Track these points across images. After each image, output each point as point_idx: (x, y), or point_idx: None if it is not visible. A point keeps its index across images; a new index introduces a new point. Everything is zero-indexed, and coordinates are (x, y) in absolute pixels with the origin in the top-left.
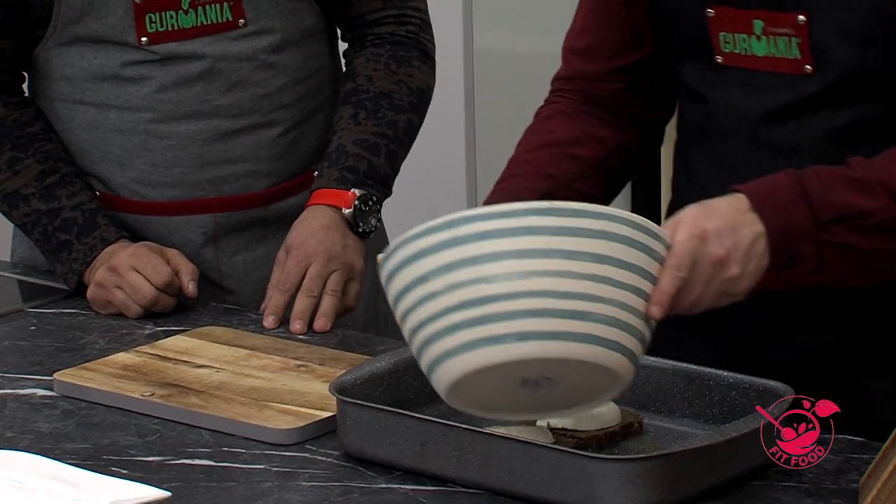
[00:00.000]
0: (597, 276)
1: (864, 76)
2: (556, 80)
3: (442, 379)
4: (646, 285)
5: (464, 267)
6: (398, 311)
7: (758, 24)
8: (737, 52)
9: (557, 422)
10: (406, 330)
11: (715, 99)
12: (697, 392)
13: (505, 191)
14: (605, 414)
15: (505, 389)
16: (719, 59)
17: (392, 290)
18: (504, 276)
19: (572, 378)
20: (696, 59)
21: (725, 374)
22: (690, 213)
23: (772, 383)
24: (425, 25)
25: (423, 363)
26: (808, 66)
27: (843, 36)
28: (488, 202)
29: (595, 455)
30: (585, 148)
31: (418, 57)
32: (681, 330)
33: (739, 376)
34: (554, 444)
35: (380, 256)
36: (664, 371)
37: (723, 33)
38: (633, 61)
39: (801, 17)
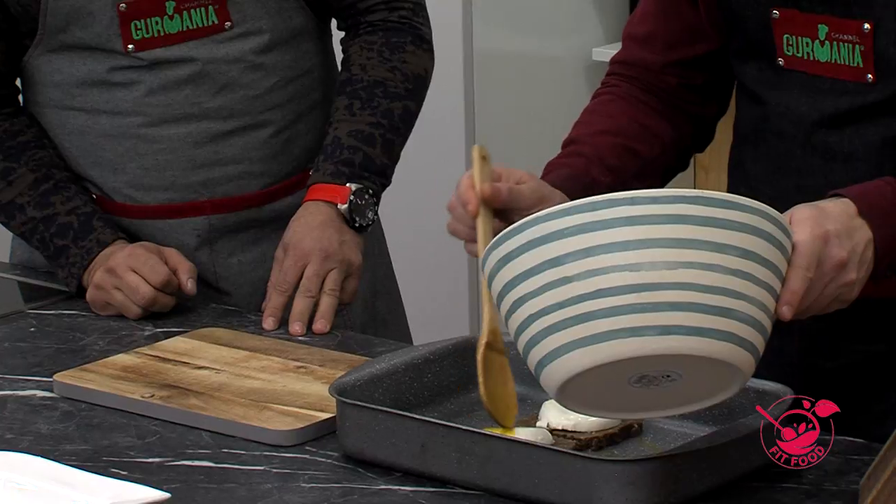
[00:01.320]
0: (742, 273)
1: None
2: (615, 62)
3: (561, 370)
4: (777, 285)
5: (605, 252)
6: (511, 297)
7: (822, 29)
8: (799, 55)
9: (557, 423)
10: (519, 317)
11: (773, 101)
12: None
13: (566, 167)
14: None
15: (618, 386)
16: (781, 61)
17: (509, 273)
18: (650, 264)
19: (692, 376)
20: (758, 60)
21: None
22: (807, 213)
23: (770, 384)
24: (418, 9)
25: (538, 353)
26: (869, 75)
27: None
28: (549, 173)
29: (595, 456)
30: (644, 144)
31: (412, 42)
32: None
33: None
34: (554, 445)
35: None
36: None
37: (787, 35)
38: (689, 56)
39: (867, 26)
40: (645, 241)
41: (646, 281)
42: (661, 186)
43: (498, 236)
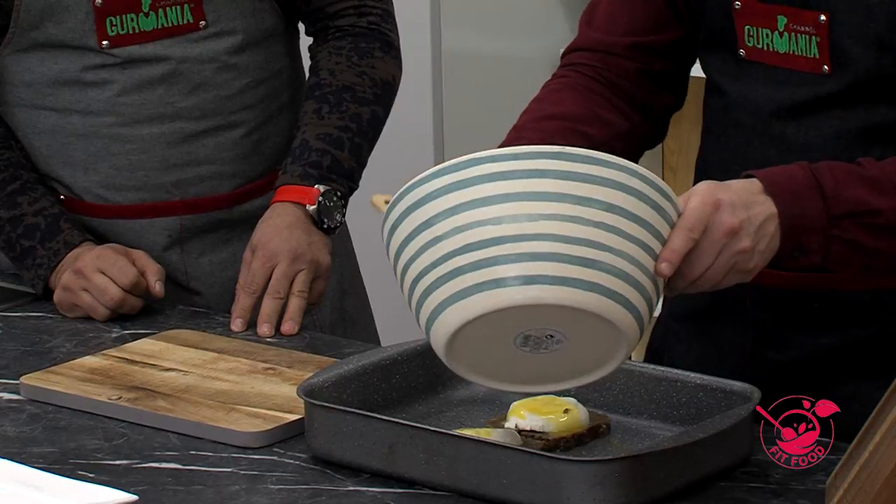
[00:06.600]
0: (605, 225)
1: (879, 81)
2: (570, 52)
3: (441, 330)
4: (655, 244)
5: (470, 209)
6: (400, 264)
7: (781, 20)
8: (759, 46)
9: (526, 423)
10: (407, 283)
11: (733, 91)
12: (664, 393)
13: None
14: (573, 416)
15: (505, 349)
16: (742, 52)
17: (395, 242)
18: (511, 217)
19: (575, 339)
20: (721, 51)
21: (692, 375)
22: (703, 186)
23: (738, 385)
24: (387, 16)
25: (423, 316)
26: (825, 66)
27: (861, 39)
28: None
29: (563, 457)
30: (593, 127)
31: (381, 48)
32: (681, 322)
33: (706, 378)
34: (522, 446)
35: (376, 197)
36: (631, 373)
37: (748, 26)
38: (651, 42)
39: (822, 17)
40: (506, 195)
41: (507, 233)
42: None
43: (386, 208)
